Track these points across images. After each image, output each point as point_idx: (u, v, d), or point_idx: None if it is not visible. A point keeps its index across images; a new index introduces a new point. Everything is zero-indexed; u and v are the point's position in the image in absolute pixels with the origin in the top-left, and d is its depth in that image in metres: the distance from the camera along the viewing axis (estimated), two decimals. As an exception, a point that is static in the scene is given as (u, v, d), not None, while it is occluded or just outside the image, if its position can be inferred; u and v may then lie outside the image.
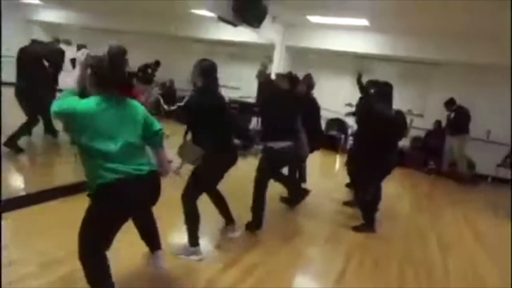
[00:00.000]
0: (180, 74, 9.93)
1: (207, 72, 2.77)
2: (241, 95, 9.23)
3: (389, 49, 7.73)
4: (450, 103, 7.29)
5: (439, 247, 3.84)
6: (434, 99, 7.95)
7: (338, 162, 7.82)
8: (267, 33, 7.26)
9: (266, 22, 6.38)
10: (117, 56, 1.90)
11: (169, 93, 9.17)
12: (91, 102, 1.83)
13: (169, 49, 10.39)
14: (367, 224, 3.88)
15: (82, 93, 1.92)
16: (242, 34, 7.05)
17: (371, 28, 7.20)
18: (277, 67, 8.25)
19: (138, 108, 2.05)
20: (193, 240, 2.81)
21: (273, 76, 7.81)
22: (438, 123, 7.89)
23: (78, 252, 1.93)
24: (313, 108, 4.57)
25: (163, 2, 7.49)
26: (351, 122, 8.33)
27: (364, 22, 6.72)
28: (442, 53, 7.31)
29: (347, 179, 5.66)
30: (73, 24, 10.96)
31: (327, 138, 8.31)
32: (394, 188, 5.75)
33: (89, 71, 1.90)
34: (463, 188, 6.82)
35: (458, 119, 7.20)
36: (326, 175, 6.96)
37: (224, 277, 2.67)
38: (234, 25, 6.17)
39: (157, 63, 7.29)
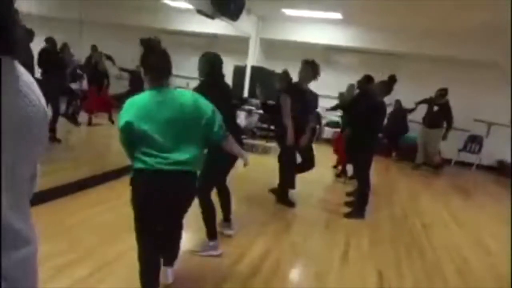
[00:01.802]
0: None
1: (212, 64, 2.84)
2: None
3: (358, 41, 8.06)
4: (444, 93, 7.02)
5: (422, 228, 4.15)
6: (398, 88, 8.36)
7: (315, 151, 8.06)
8: (242, 26, 7.29)
9: (241, 15, 6.43)
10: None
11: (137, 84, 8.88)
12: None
13: (134, 40, 10.08)
14: (359, 211, 4.10)
15: None
16: (214, 26, 7.02)
17: (343, 21, 7.46)
18: (251, 60, 8.33)
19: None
20: (213, 233, 2.86)
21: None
22: (398, 102, 8.03)
23: None
24: None
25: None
26: (323, 112, 8.63)
27: (338, 15, 6.95)
28: (406, 46, 7.76)
29: (326, 168, 5.95)
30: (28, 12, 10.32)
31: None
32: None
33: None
34: (432, 172, 7.26)
35: (442, 114, 7.05)
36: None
37: (238, 269, 2.75)
38: (212, 18, 6.17)
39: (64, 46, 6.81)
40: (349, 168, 5.16)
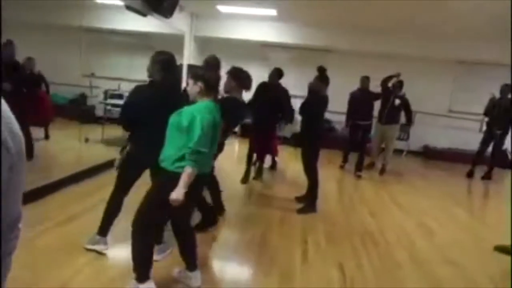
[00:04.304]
0: (68, 67, 8.89)
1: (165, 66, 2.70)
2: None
3: (294, 38, 8.19)
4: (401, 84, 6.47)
5: (371, 216, 4.32)
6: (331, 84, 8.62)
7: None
8: (175, 23, 7.03)
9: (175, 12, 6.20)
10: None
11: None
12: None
13: (54, 40, 9.20)
14: (311, 206, 4.14)
15: None
16: (145, 23, 6.63)
17: (278, 18, 7.51)
18: (187, 58, 8.08)
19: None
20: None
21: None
22: (366, 81, 6.69)
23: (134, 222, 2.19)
24: None
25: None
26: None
27: (273, 12, 6.97)
28: (339, 42, 8.07)
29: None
30: None
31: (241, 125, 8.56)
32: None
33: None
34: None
35: (401, 109, 6.44)
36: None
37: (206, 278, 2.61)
38: (144, 15, 5.86)
39: None
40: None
